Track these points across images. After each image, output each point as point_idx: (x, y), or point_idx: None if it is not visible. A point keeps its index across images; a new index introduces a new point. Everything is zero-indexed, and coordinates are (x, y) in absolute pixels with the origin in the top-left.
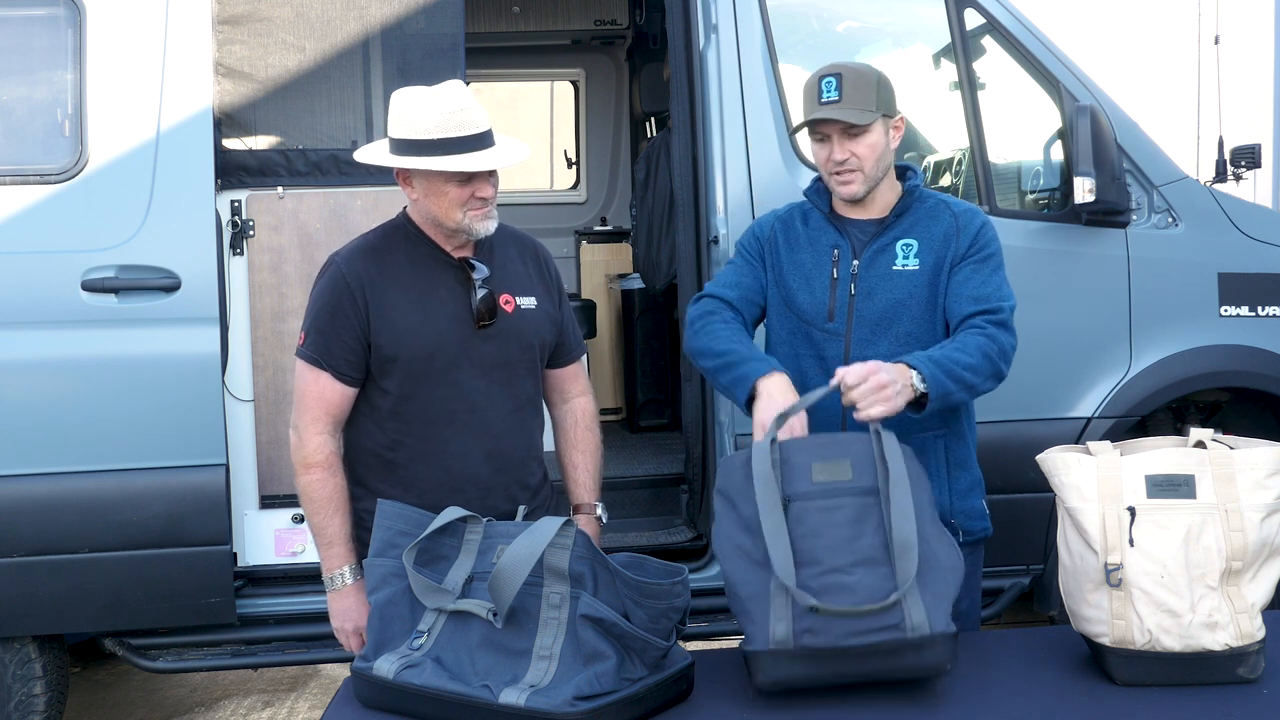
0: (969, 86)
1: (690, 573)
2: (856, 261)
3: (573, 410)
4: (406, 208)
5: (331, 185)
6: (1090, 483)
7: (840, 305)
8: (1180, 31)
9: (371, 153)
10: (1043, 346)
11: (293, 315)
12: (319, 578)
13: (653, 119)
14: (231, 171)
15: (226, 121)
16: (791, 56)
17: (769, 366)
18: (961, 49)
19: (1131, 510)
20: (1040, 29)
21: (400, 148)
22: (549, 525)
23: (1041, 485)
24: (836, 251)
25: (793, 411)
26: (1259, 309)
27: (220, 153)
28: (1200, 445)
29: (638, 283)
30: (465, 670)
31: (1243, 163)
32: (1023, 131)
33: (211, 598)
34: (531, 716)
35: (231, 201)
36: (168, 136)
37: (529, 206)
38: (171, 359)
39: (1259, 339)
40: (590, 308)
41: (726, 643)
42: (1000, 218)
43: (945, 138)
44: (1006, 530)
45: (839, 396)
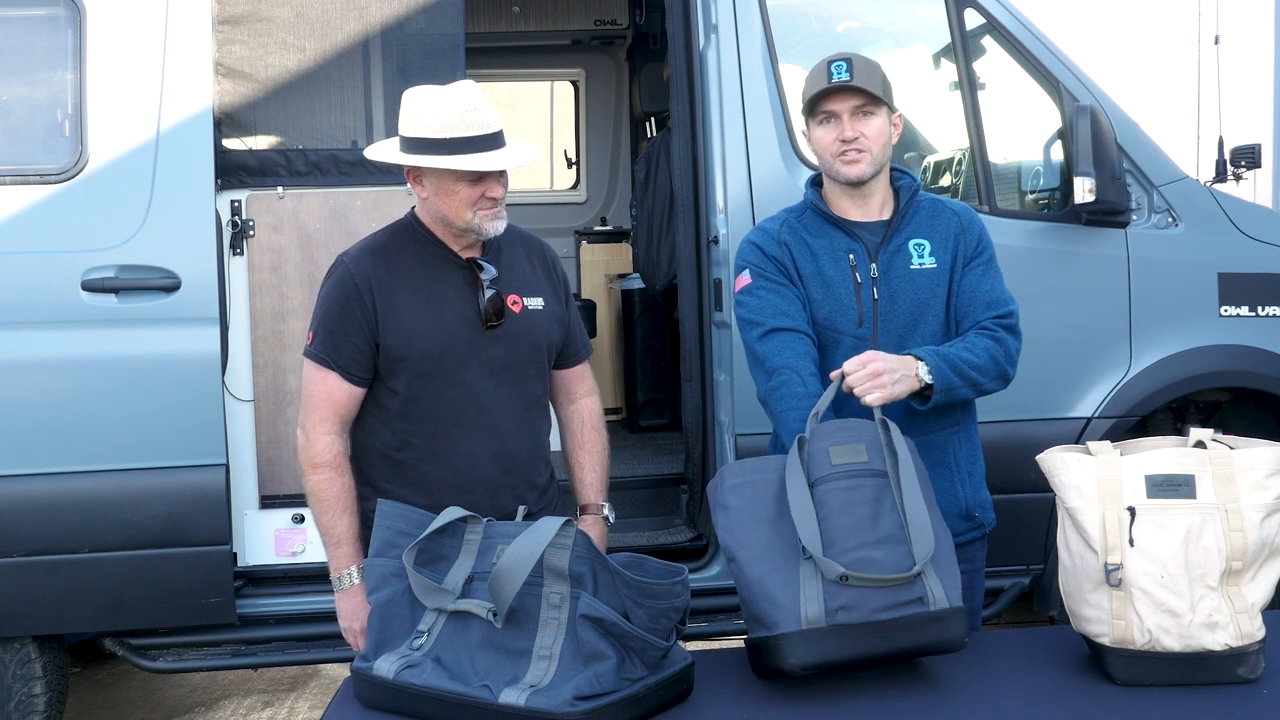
0: (969, 86)
1: (690, 573)
2: (874, 264)
3: (579, 411)
4: (415, 208)
5: (331, 185)
6: (1090, 483)
7: (866, 310)
8: (1180, 31)
9: (383, 150)
10: (1043, 346)
11: (293, 315)
12: (319, 578)
13: (653, 119)
14: (231, 171)
15: (226, 121)
16: (791, 56)
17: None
18: (961, 49)
19: (1131, 510)
20: (1040, 29)
21: (412, 146)
22: (549, 525)
23: (1041, 485)
24: (852, 256)
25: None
26: (1259, 309)
27: (220, 153)
28: (1200, 445)
29: (638, 283)
30: (465, 670)
31: (1243, 163)
32: (1023, 131)
33: (211, 598)
34: (531, 716)
35: (231, 201)
36: (168, 136)
37: (529, 206)
38: (171, 359)
39: (1259, 339)
40: (590, 308)
41: (726, 643)
42: (1000, 218)
43: (945, 138)
44: (1006, 530)
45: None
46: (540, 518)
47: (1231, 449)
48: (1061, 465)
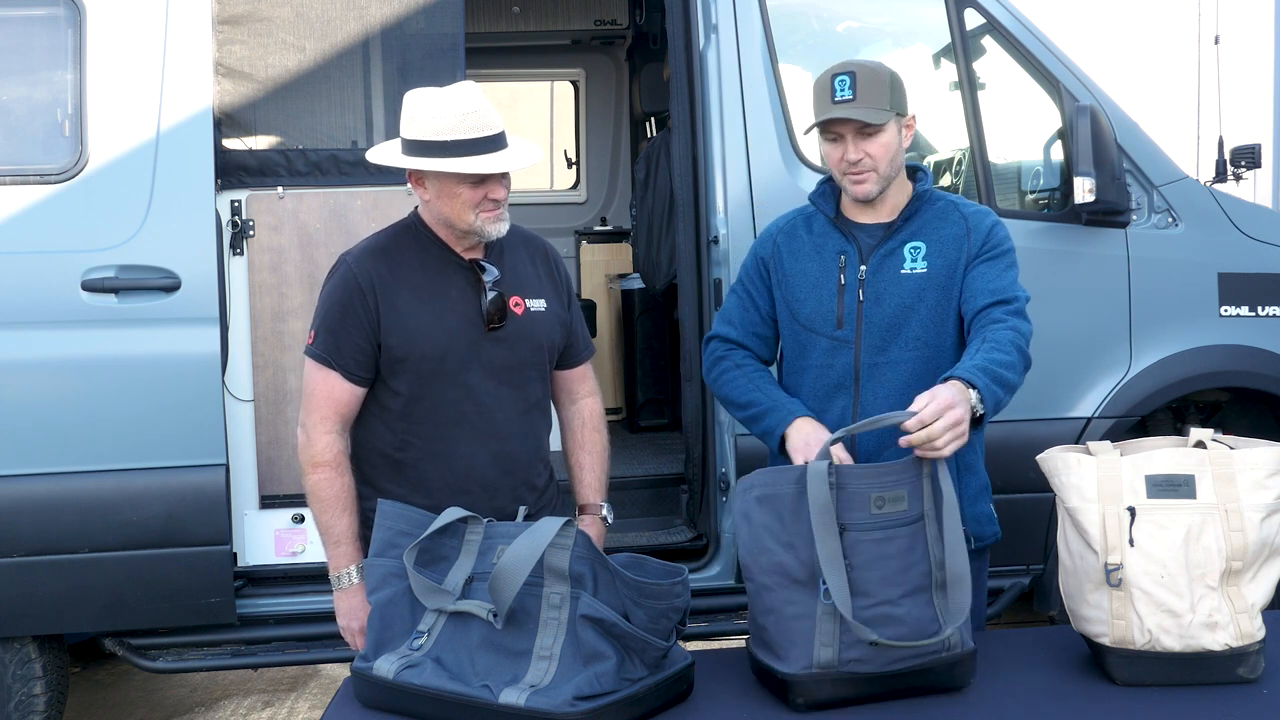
0: (969, 86)
1: (690, 573)
2: (864, 266)
3: (580, 411)
4: (417, 208)
5: (331, 185)
6: (1090, 483)
7: (849, 312)
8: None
9: (384, 153)
10: (1043, 346)
11: (293, 315)
12: (319, 578)
13: (653, 119)
14: (231, 171)
15: (226, 121)
16: (791, 56)
17: (791, 415)
18: (961, 49)
19: (1131, 510)
20: (1040, 29)
21: (414, 148)
22: (549, 526)
23: (1041, 485)
24: (843, 257)
25: (848, 434)
26: (1259, 309)
27: (220, 153)
28: (1200, 445)
29: (638, 283)
30: (465, 670)
31: (1243, 163)
32: (1023, 131)
33: (211, 598)
34: (531, 716)
35: (231, 201)
36: (168, 136)
37: (529, 206)
38: (171, 359)
39: (1259, 339)
40: (590, 308)
41: (726, 643)
42: (1000, 218)
43: (945, 138)
44: (1006, 530)
45: (848, 404)
46: (540, 518)
47: (1231, 449)
48: (1061, 465)
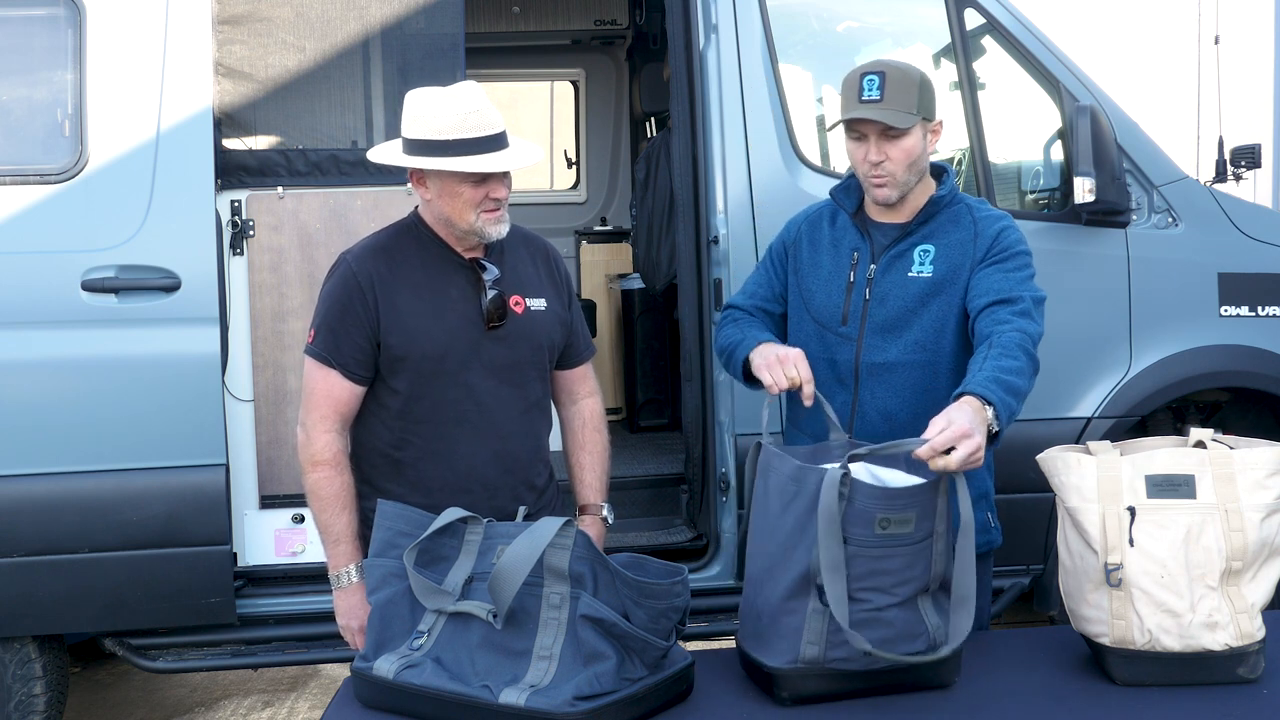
0: (969, 86)
1: (690, 573)
2: (874, 266)
3: (581, 411)
4: (418, 208)
5: (331, 185)
6: (1090, 483)
7: (854, 309)
8: (1180, 31)
9: (385, 152)
10: (1043, 346)
11: (293, 315)
12: (319, 578)
13: (653, 119)
14: (231, 171)
15: (226, 121)
16: (791, 56)
17: (756, 340)
18: (961, 49)
19: (1131, 510)
20: (1040, 29)
21: (415, 148)
22: (549, 526)
23: (1041, 485)
24: (856, 255)
25: (870, 453)
26: (1259, 309)
27: (220, 153)
28: (1200, 445)
29: (638, 283)
30: (465, 670)
31: (1243, 163)
32: (1023, 131)
33: (211, 598)
34: (531, 716)
35: (231, 201)
36: (168, 136)
37: (529, 206)
38: (171, 359)
39: (1259, 339)
40: (590, 308)
41: (726, 643)
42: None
43: (945, 138)
44: (1006, 530)
45: (848, 401)
46: (540, 518)
47: (1231, 449)
48: (1061, 465)
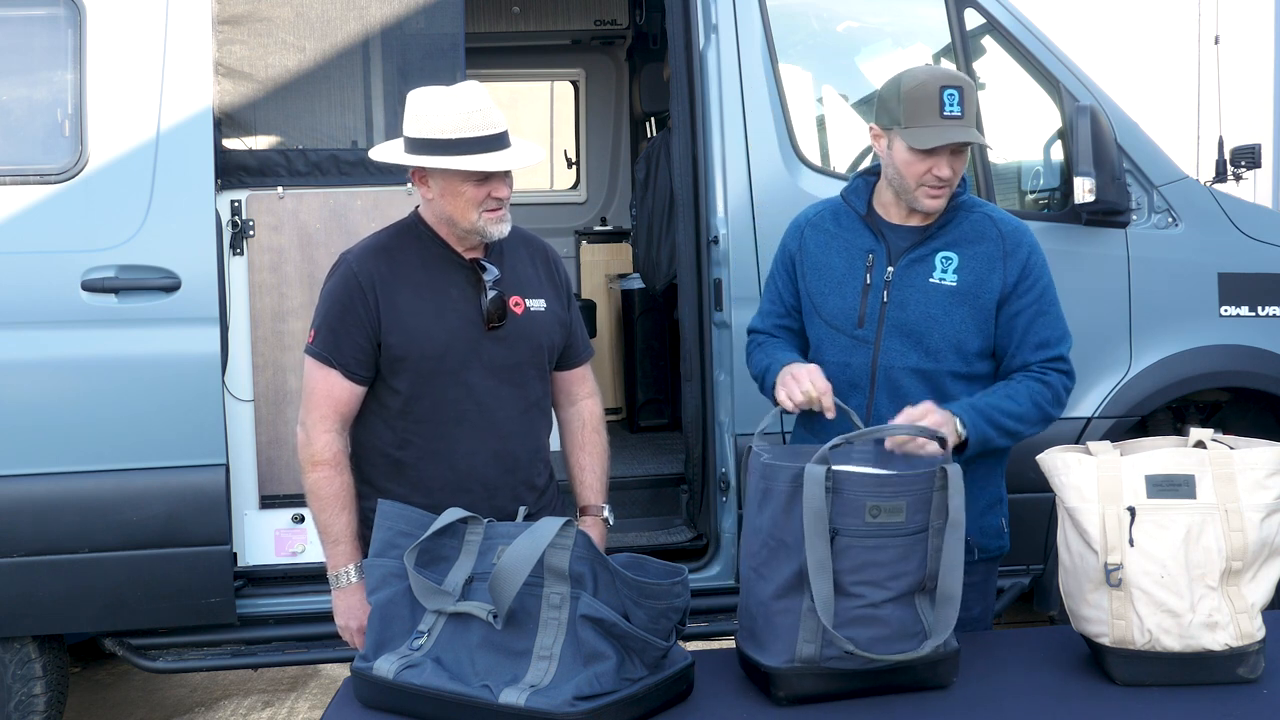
0: None
1: (690, 573)
2: (891, 268)
3: (580, 412)
4: (418, 208)
5: (331, 185)
6: (1090, 483)
7: (871, 312)
8: (1180, 31)
9: (387, 151)
10: None
11: (293, 315)
12: (319, 578)
13: (653, 119)
14: (231, 171)
15: (226, 121)
16: (791, 56)
17: (782, 363)
18: (961, 49)
19: (1131, 510)
20: (1040, 29)
21: (418, 147)
22: (549, 526)
23: (1041, 485)
24: (871, 257)
25: (846, 441)
26: (1259, 309)
27: (220, 153)
28: (1200, 445)
29: (638, 283)
30: (465, 670)
31: (1243, 163)
32: (1023, 131)
33: (211, 598)
34: (531, 716)
35: (231, 201)
36: (168, 136)
37: (529, 206)
38: (171, 359)
39: (1259, 339)
40: (590, 308)
41: (726, 643)
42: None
43: None
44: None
45: (863, 404)
46: (540, 518)
47: (1231, 449)
48: (1061, 465)
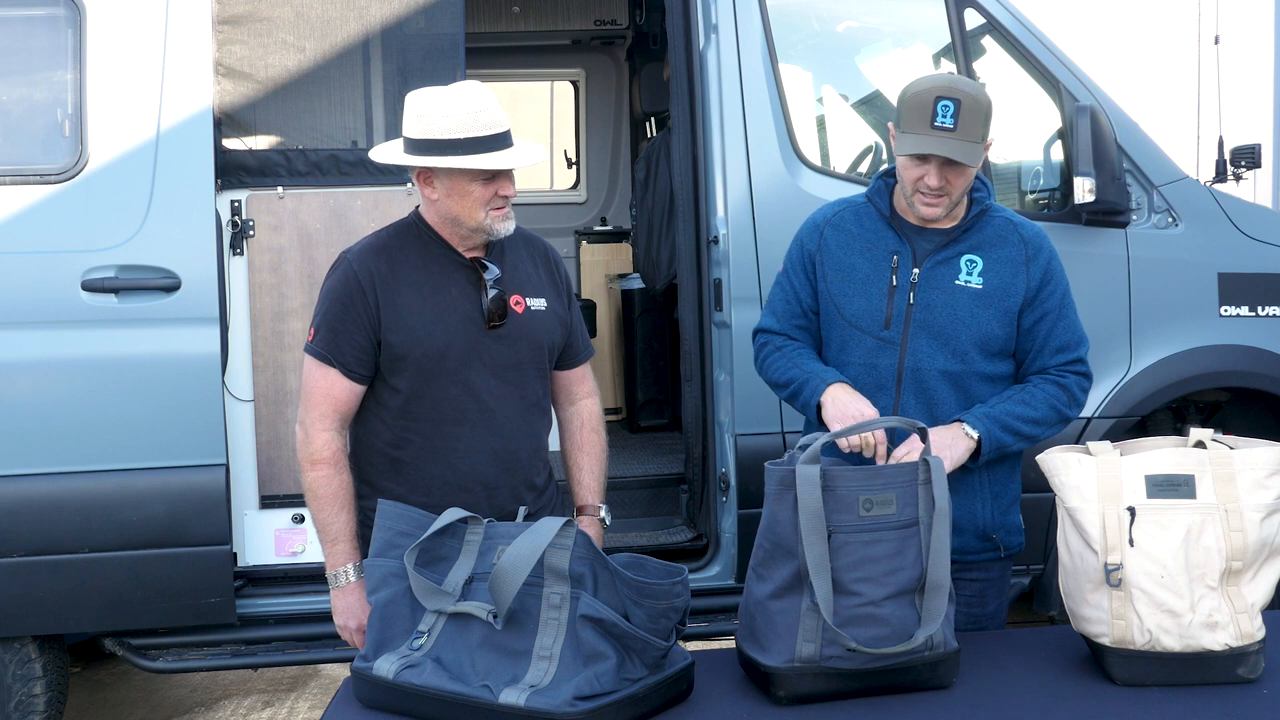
0: None
1: (690, 573)
2: (917, 270)
3: (579, 412)
4: (419, 207)
5: (331, 185)
6: (1090, 483)
7: (898, 313)
8: (1180, 31)
9: (389, 152)
10: None
11: (293, 315)
12: (319, 578)
13: (653, 119)
14: (231, 171)
15: (226, 121)
16: (791, 56)
17: (825, 383)
18: (961, 49)
19: (1131, 510)
20: (1040, 29)
21: (421, 147)
22: (549, 526)
23: (1041, 485)
24: (896, 258)
25: (832, 439)
26: (1259, 309)
27: (220, 153)
28: (1200, 445)
29: (638, 283)
30: (465, 670)
31: (1243, 163)
32: (1023, 131)
33: (211, 598)
34: (531, 716)
35: (231, 201)
36: (168, 136)
37: (529, 206)
38: (171, 359)
39: (1259, 339)
40: (590, 308)
41: (726, 643)
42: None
43: None
44: None
45: (888, 405)
46: (539, 518)
47: (1231, 449)
48: (1061, 465)
